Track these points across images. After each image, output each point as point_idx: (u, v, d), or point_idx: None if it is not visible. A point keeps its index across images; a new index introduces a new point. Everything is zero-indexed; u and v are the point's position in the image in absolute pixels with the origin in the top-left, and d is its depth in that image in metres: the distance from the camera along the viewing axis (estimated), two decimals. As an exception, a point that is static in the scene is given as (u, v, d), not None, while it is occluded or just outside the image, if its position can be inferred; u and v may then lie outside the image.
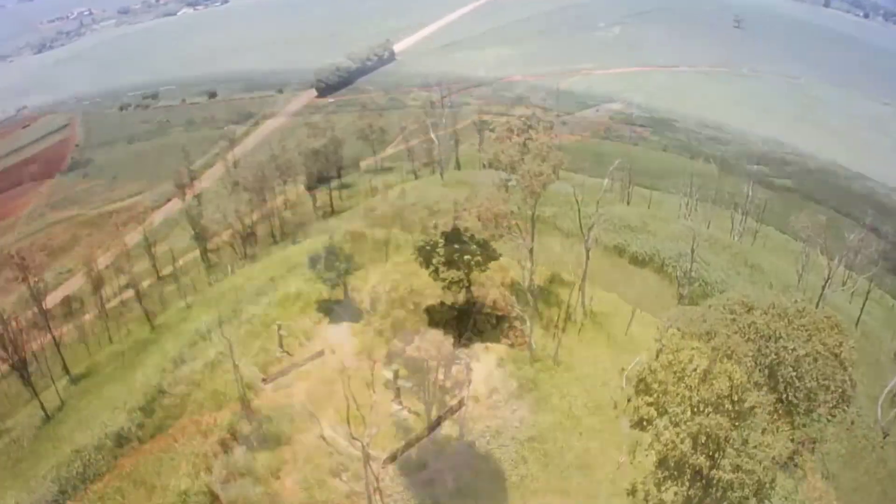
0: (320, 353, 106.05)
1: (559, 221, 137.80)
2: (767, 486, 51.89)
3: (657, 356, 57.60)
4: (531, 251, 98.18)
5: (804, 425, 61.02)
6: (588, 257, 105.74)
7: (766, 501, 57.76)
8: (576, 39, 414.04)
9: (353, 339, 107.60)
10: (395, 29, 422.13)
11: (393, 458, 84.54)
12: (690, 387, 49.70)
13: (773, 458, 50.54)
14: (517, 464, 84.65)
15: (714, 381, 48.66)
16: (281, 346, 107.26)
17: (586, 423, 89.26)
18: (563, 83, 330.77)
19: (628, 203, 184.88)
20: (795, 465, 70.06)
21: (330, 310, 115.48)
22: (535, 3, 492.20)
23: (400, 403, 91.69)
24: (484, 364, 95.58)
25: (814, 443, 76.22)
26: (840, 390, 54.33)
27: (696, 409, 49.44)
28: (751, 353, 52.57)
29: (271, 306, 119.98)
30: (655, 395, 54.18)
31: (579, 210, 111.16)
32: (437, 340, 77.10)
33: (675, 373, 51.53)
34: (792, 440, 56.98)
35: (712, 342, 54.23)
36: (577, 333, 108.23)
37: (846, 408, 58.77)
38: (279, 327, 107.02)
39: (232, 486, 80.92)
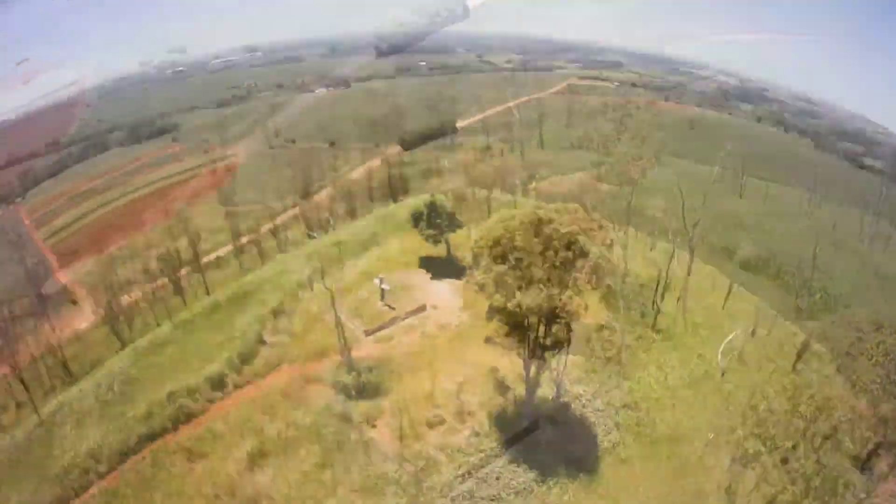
0: (422, 308, 78.88)
1: (655, 213, 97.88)
2: (564, 329, 45.12)
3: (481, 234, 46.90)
4: (625, 246, 75.60)
5: (571, 273, 44.97)
6: (692, 260, 77.71)
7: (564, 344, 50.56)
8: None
9: (455, 295, 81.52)
10: (465, 111, 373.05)
11: (373, 330, 71.51)
12: (805, 416, 36.35)
13: (553, 297, 40.61)
14: (609, 430, 59.34)
15: (502, 242, 40.62)
16: (383, 299, 79.78)
17: (680, 395, 63.89)
18: (662, 49, 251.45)
19: (741, 196, 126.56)
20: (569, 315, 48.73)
21: (432, 266, 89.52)
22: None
23: (383, 302, 77.16)
24: (447, 290, 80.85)
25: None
26: (593, 262, 42.87)
27: (811, 445, 36.32)
28: (878, 380, 36.80)
29: (374, 261, 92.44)
30: (763, 428, 42.73)
31: (683, 203, 79.72)
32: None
33: (788, 398, 38.58)
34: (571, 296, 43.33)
35: (507, 222, 43.57)
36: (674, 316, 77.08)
37: (602, 277, 45.67)
38: (381, 281, 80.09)
39: (329, 428, 59.09)
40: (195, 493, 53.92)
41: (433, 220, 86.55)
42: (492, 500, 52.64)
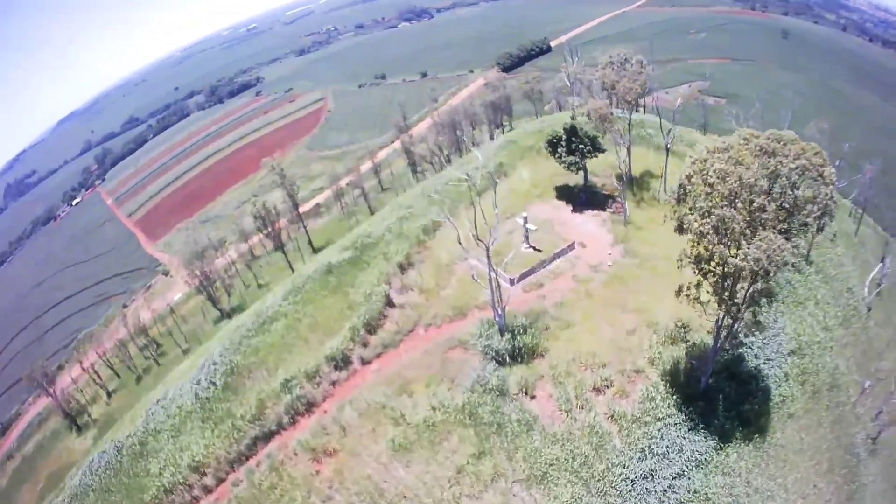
0: (571, 247, 70.17)
1: (651, 140, 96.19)
2: (772, 277, 40.95)
3: (691, 165, 43.34)
4: (628, 147, 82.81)
5: (796, 234, 43.26)
6: (668, 155, 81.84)
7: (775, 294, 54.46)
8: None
9: (602, 229, 74.41)
10: (553, 31, 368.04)
11: (519, 279, 65.69)
12: (711, 184, 40.69)
13: (774, 249, 38.26)
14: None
15: (728, 179, 39.97)
16: (527, 239, 70.22)
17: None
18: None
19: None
20: (794, 267, 57.59)
21: (570, 197, 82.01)
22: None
23: (528, 243, 70.12)
24: (591, 223, 76.24)
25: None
26: (824, 203, 42.32)
27: (715, 205, 40.32)
28: (756, 163, 41.14)
29: (505, 195, 79.83)
30: (691, 200, 42.68)
31: (660, 118, 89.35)
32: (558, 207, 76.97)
33: (702, 176, 41.78)
34: (788, 241, 40.42)
35: (728, 153, 41.99)
36: (661, 208, 74.62)
37: (830, 220, 44.79)
38: (525, 220, 69.75)
39: (484, 406, 49.85)
40: (325, 501, 45.44)
41: (573, 146, 77.15)
42: (675, 477, 45.68)
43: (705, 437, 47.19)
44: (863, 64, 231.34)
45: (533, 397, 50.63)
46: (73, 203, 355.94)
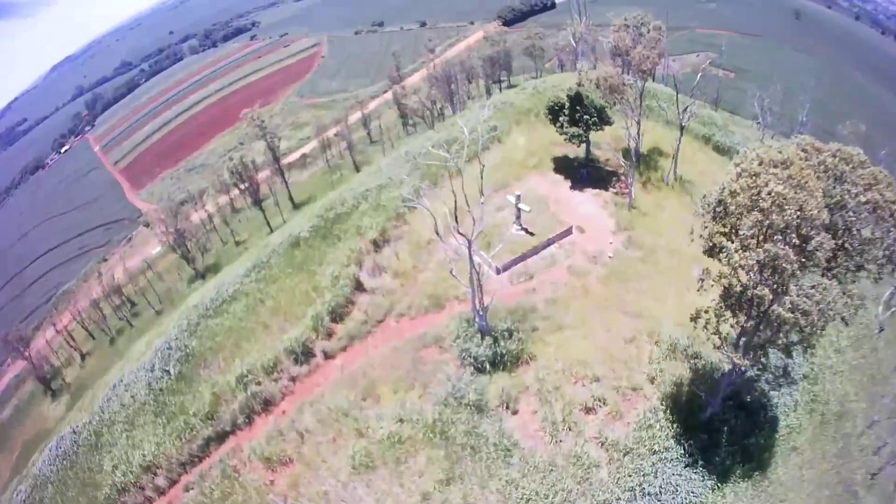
0: (568, 232, 63.02)
1: (661, 113, 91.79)
2: (818, 332, 34.67)
3: (737, 178, 35.56)
4: (638, 122, 73.98)
5: (853, 281, 38.11)
6: (682, 133, 76.69)
7: (810, 350, 42.12)
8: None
9: (604, 212, 67.60)
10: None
11: (506, 267, 58.81)
12: (763, 210, 32.74)
13: (829, 302, 33.15)
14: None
15: (787, 208, 32.23)
16: (518, 220, 62.38)
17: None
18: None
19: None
20: (843, 321, 40.17)
21: (569, 171, 74.41)
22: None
23: (520, 225, 62.52)
24: (592, 205, 69.10)
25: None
26: (892, 248, 37.06)
27: (765, 236, 33.11)
28: (820, 190, 33.54)
29: (497, 164, 73.58)
30: (731, 220, 35.37)
31: (677, 91, 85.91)
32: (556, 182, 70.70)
33: (751, 196, 33.62)
34: (843, 293, 35.78)
35: (788, 171, 34.24)
36: (669, 192, 75.25)
37: (893, 269, 38.38)
38: (517, 198, 61.01)
39: (458, 426, 43.94)
40: (278, 514, 40.98)
41: (578, 115, 69.57)
42: (665, 522, 40.99)
43: (703, 476, 42.09)
44: (877, 56, 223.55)
45: (515, 412, 45.32)
46: (62, 151, 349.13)
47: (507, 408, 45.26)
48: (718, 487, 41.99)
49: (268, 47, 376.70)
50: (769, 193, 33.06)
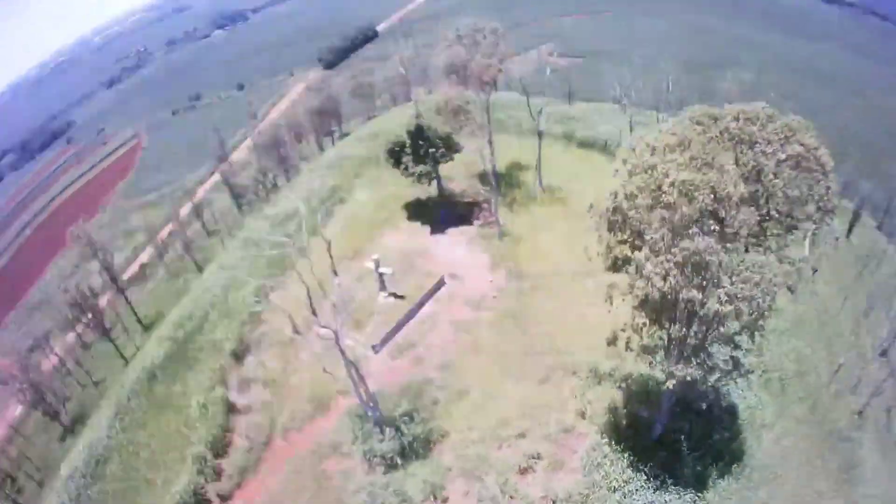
0: (440, 284, 59.83)
1: (512, 123, 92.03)
2: (766, 313, 31.07)
3: (630, 177, 32.61)
4: (490, 140, 73.40)
5: (786, 245, 35.05)
6: (541, 138, 73.68)
7: (759, 334, 36.35)
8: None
9: (474, 251, 65.12)
10: (379, 13, 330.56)
11: (384, 341, 53.84)
12: (670, 205, 29.37)
13: (770, 280, 29.70)
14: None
15: (697, 195, 29.31)
16: (383, 286, 58.08)
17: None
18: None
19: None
20: (790, 290, 39.05)
21: (425, 215, 71.72)
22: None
23: (386, 292, 58.37)
24: (459, 246, 66.48)
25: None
26: (823, 201, 33.66)
27: (678, 233, 29.61)
28: (731, 161, 30.77)
29: (347, 228, 70.70)
30: (630, 228, 32.23)
31: (528, 98, 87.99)
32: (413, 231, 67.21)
33: (651, 193, 30.47)
34: (780, 261, 32.61)
35: (689, 152, 31.18)
36: (540, 207, 72.66)
37: (829, 221, 36.64)
38: (377, 263, 57.14)
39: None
40: None
41: (422, 151, 66.50)
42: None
43: (679, 493, 38.78)
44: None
45: (445, 500, 40.43)
46: None
47: (435, 498, 40.62)
48: (700, 497, 39.12)
49: (86, 149, 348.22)
50: (672, 184, 30.09)
